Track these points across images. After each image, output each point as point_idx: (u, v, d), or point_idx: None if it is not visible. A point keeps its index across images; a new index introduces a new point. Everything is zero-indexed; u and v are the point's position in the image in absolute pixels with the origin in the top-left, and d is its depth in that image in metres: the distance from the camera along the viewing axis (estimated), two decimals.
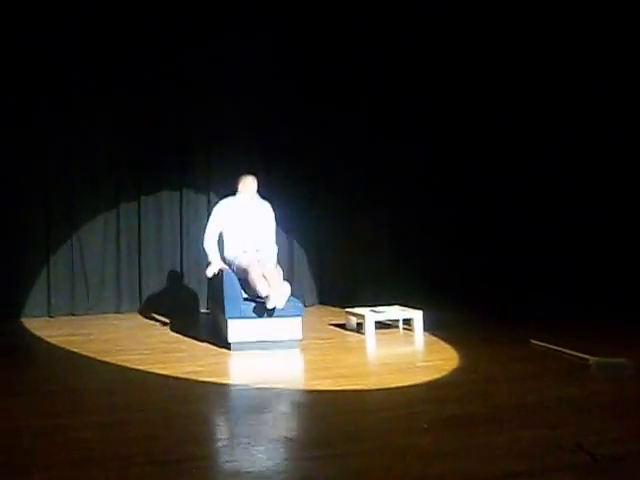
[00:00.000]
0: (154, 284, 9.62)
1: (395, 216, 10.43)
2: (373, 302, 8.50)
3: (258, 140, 10.00)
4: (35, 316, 8.92)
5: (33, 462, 3.71)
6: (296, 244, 10.06)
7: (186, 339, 7.47)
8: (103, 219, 9.45)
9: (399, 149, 10.45)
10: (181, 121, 9.69)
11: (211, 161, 9.84)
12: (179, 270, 9.73)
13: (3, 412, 4.69)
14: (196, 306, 9.69)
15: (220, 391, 5.42)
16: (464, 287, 10.11)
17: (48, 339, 7.57)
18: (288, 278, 9.71)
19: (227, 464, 3.75)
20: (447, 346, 6.92)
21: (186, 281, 9.73)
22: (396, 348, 7.17)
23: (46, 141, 9.16)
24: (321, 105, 10.16)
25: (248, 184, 7.52)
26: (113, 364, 6.38)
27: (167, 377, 5.85)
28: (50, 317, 9.00)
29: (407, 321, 7.86)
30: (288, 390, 5.39)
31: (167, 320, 8.65)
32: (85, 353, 6.79)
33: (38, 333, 7.96)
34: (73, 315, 9.15)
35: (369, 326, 7.49)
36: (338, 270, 10.30)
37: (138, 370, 6.07)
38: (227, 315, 6.72)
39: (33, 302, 9.03)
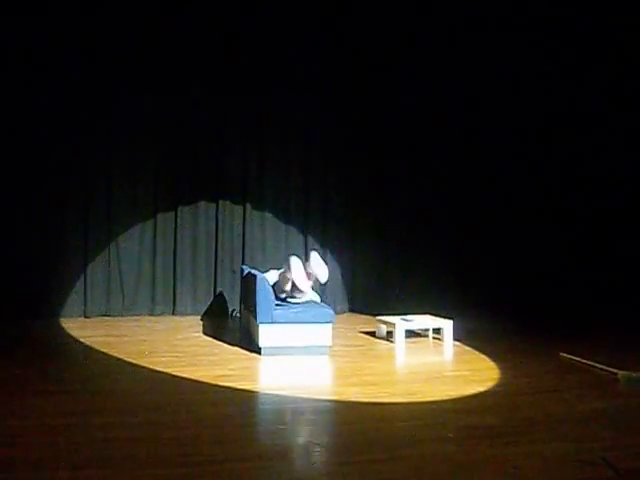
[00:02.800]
0: (188, 288, 9.75)
1: (426, 227, 10.43)
2: (403, 310, 8.53)
3: (295, 153, 10.12)
4: (71, 316, 9.09)
5: (65, 459, 3.83)
6: (329, 252, 10.11)
7: (218, 343, 7.58)
8: (140, 223, 9.61)
9: (426, 163, 10.50)
10: (219, 134, 9.84)
11: (248, 169, 9.97)
12: (213, 274, 9.85)
13: (37, 410, 4.82)
14: (228, 310, 9.80)
15: (250, 395, 5.51)
16: (495, 297, 10.09)
17: (83, 339, 7.72)
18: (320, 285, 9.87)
19: (257, 468, 3.83)
20: (476, 356, 6.94)
21: (219, 285, 9.84)
22: (425, 357, 7.20)
23: (87, 149, 9.35)
24: (357, 121, 10.27)
25: None
26: (146, 366, 6.51)
27: (198, 380, 5.96)
28: (86, 318, 9.17)
29: (437, 330, 7.89)
30: (317, 396, 5.44)
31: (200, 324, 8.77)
32: (119, 354, 6.92)
33: (74, 333, 8.12)
34: (108, 316, 9.32)
35: (399, 334, 7.53)
36: (369, 278, 10.34)
37: (170, 372, 6.19)
38: (259, 320, 6.81)
39: (70, 303, 9.22)
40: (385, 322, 7.99)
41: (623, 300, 9.63)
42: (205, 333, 8.25)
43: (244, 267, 8.96)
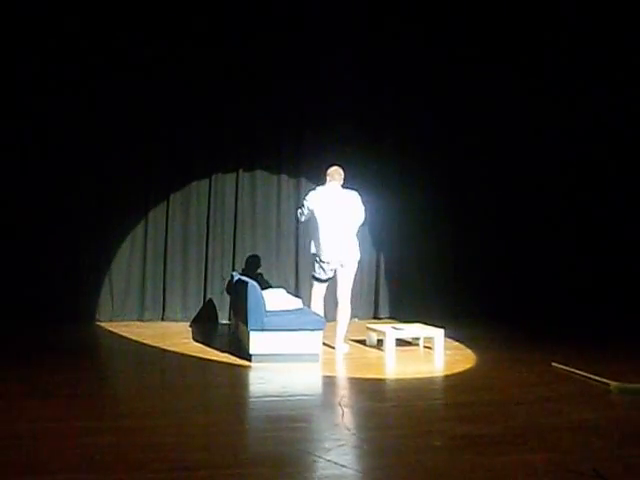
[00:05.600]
0: (178, 293, 9.69)
1: (419, 233, 10.40)
2: (394, 317, 8.51)
3: (287, 157, 10.10)
4: (60, 322, 8.97)
5: (51, 464, 3.78)
6: None
7: (208, 349, 7.53)
8: (131, 228, 9.57)
9: (424, 168, 10.46)
10: (212, 137, 9.82)
11: (240, 179, 9.93)
12: (203, 280, 9.79)
13: (22, 413, 4.76)
14: (218, 317, 9.74)
15: (240, 401, 5.48)
16: (488, 306, 10.08)
17: (71, 345, 7.67)
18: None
19: (245, 475, 3.78)
20: (467, 365, 6.90)
21: (209, 292, 9.79)
22: (415, 365, 7.14)
23: (77, 143, 9.27)
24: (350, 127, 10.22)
25: (335, 173, 7.65)
26: (134, 372, 6.46)
27: (188, 386, 5.92)
28: (74, 323, 9.06)
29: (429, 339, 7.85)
30: (307, 403, 5.43)
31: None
32: (106, 360, 6.87)
33: (62, 339, 8.06)
34: (97, 321, 9.25)
35: (389, 343, 7.48)
36: (360, 285, 10.27)
37: (158, 378, 6.14)
38: (250, 327, 6.75)
39: (59, 308, 9.09)
40: (375, 330, 7.95)
41: (617, 310, 9.63)
42: (195, 339, 8.20)
43: (234, 273, 8.92)
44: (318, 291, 7.63)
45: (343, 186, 7.63)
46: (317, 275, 7.56)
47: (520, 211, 10.60)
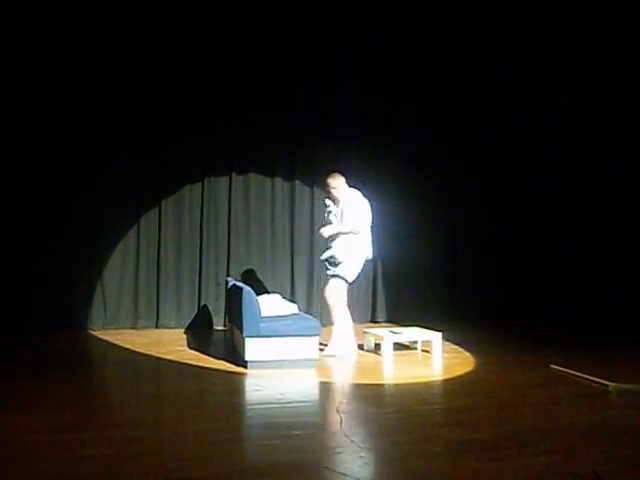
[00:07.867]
0: (172, 300, 9.62)
1: (416, 238, 10.34)
2: (392, 321, 8.47)
3: (280, 162, 10.04)
4: (53, 330, 8.87)
5: (45, 476, 3.71)
6: (316, 263, 10.01)
7: (203, 356, 7.46)
8: (123, 235, 9.49)
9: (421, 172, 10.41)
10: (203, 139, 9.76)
11: (233, 183, 9.87)
12: (197, 287, 9.72)
13: (14, 425, 4.69)
14: (213, 323, 9.67)
15: (236, 409, 5.40)
16: (485, 308, 10.04)
17: (64, 354, 7.59)
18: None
19: None
20: (465, 369, 6.85)
21: (203, 298, 9.72)
22: (413, 370, 7.09)
23: (68, 150, 9.16)
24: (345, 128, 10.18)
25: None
26: (128, 380, 6.39)
27: (183, 394, 5.86)
28: (67, 331, 8.97)
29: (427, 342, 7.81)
30: (303, 410, 5.36)
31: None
32: (101, 369, 6.81)
33: (54, 348, 7.98)
34: (90, 330, 9.16)
35: (387, 347, 7.42)
36: (357, 289, 10.22)
37: (154, 387, 6.07)
38: (245, 334, 6.69)
39: (52, 316, 8.98)
40: (373, 334, 7.90)
41: (616, 312, 9.62)
42: (189, 346, 8.13)
43: (229, 279, 8.85)
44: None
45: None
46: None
47: (517, 214, 10.58)
